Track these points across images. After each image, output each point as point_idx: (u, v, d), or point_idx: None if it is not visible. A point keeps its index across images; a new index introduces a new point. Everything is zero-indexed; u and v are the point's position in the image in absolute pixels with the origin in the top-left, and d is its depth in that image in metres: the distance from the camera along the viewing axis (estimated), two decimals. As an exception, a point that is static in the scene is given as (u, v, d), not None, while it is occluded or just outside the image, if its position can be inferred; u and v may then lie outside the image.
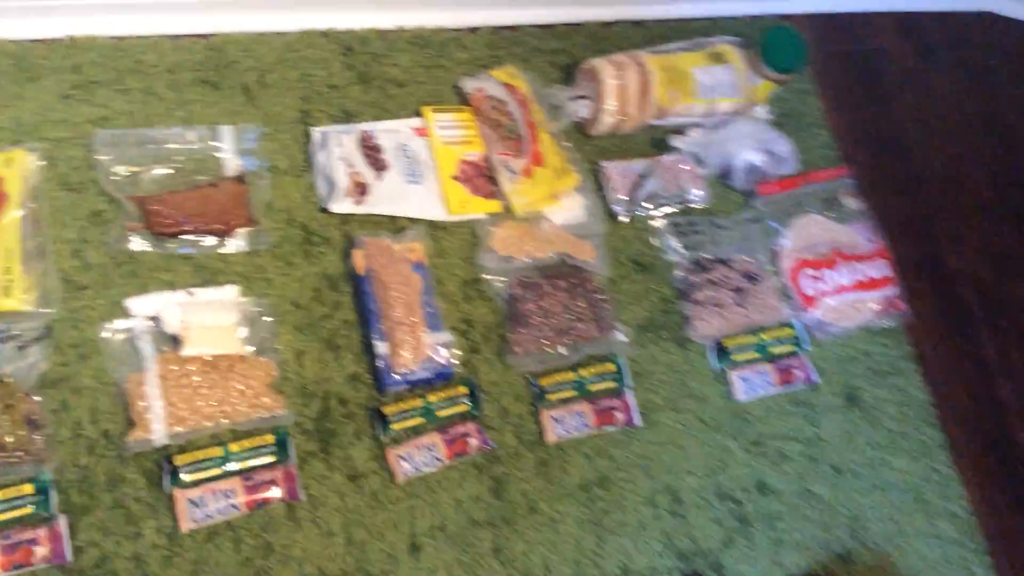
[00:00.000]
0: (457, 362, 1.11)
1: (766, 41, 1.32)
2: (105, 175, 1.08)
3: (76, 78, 1.12)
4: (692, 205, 1.30)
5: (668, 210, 1.29)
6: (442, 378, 1.10)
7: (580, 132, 1.31)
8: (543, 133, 1.23)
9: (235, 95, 1.18)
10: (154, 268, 1.07)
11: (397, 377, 1.07)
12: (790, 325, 1.27)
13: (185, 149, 1.11)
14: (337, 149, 1.15)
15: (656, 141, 1.33)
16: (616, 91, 1.25)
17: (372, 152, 1.17)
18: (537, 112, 1.25)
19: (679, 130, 1.33)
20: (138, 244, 1.06)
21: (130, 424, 0.98)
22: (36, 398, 0.97)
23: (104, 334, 1.01)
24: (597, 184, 1.28)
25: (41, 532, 0.91)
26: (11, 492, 0.92)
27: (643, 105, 1.27)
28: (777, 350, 1.25)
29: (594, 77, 1.27)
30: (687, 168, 1.30)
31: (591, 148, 1.31)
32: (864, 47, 1.56)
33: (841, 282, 1.31)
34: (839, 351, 1.29)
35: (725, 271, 1.27)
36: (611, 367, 1.17)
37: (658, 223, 1.28)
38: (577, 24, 1.38)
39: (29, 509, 0.92)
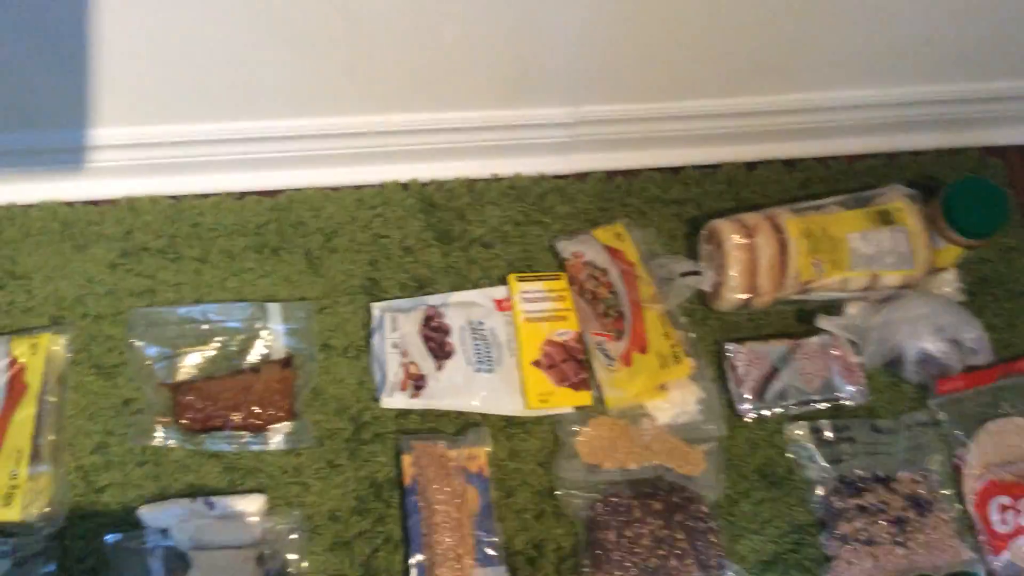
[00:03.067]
0: (512, 607, 0.91)
1: (950, 198, 1.03)
2: (138, 359, 0.97)
3: (126, 245, 1.03)
4: (843, 403, 1.03)
5: (810, 409, 1.03)
6: (491, 627, 0.91)
7: (704, 304, 1.07)
8: (650, 311, 1.01)
9: (296, 262, 1.04)
10: (179, 468, 0.94)
11: (435, 624, 0.89)
12: (970, 574, 0.97)
13: (228, 328, 0.99)
14: (392, 333, 0.99)
15: (806, 315, 1.07)
16: (743, 262, 1.01)
17: (436, 334, 1.00)
18: (645, 284, 1.03)
19: (833, 304, 1.06)
20: (164, 439, 0.95)
21: (123, 660, 0.86)
22: (31, 620, 0.87)
23: (113, 547, 0.90)
24: (721, 372, 1.04)
25: None
26: None
27: (778, 279, 1.01)
28: (949, 608, 0.95)
29: (717, 242, 1.03)
30: (838, 355, 1.03)
31: (717, 325, 1.07)
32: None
33: (1049, 515, 0.99)
34: (1042, 613, 0.97)
35: (883, 494, 0.98)
36: (716, 619, 0.93)
37: (796, 426, 1.02)
38: (712, 166, 1.15)
39: None
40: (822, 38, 1.01)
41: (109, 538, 0.90)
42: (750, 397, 1.02)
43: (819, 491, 0.99)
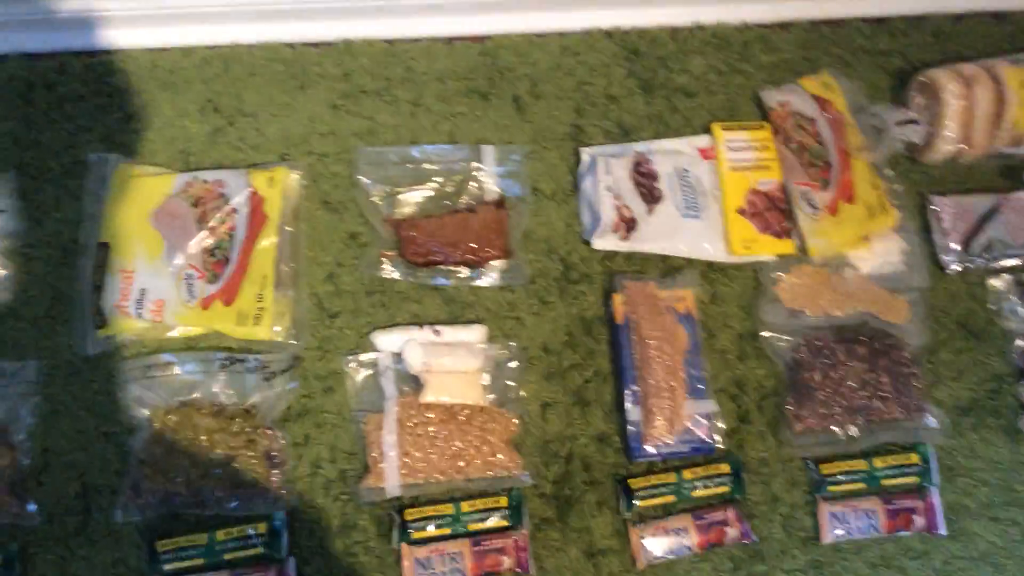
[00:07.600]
0: (720, 437, 0.96)
1: None
2: (364, 196, 1.02)
3: (345, 87, 1.07)
4: (1049, 258, 1.03)
5: (1015, 263, 1.03)
6: (701, 453, 0.96)
7: (909, 158, 1.07)
8: (858, 160, 1.01)
9: (505, 107, 1.07)
10: (404, 298, 1.01)
11: (649, 449, 0.95)
12: None
13: (446, 169, 1.03)
14: (605, 176, 1.02)
15: (1009, 171, 1.06)
16: (960, 113, 1.00)
17: (645, 180, 1.03)
18: (853, 134, 1.03)
19: (1042, 159, 1.05)
20: (390, 272, 1.01)
21: (365, 469, 0.94)
22: (278, 434, 0.95)
23: (349, 367, 0.97)
24: (924, 225, 1.05)
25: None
26: (246, 530, 0.91)
27: (994, 131, 1.00)
28: None
29: (933, 93, 1.02)
30: (1047, 211, 1.03)
31: (921, 178, 1.07)
32: None
33: None
34: None
35: (1086, 347, 1.00)
36: (914, 458, 0.97)
37: (1000, 279, 1.03)
38: (918, 17, 1.12)
39: (259, 550, 0.91)
40: None
41: (346, 359, 0.98)
42: (956, 249, 1.02)
43: (1019, 342, 1.01)
